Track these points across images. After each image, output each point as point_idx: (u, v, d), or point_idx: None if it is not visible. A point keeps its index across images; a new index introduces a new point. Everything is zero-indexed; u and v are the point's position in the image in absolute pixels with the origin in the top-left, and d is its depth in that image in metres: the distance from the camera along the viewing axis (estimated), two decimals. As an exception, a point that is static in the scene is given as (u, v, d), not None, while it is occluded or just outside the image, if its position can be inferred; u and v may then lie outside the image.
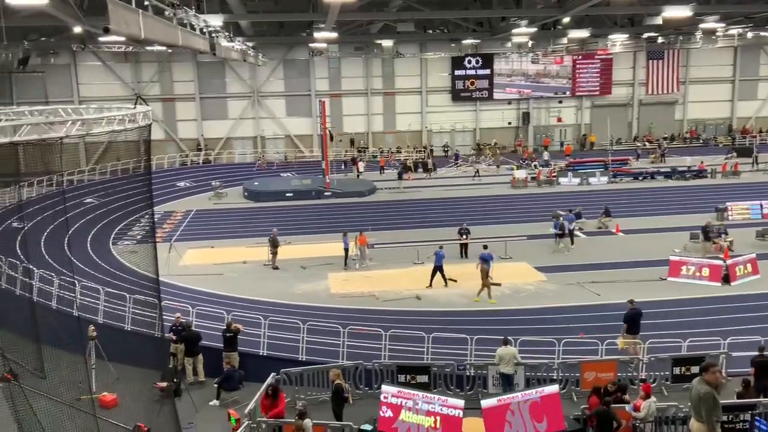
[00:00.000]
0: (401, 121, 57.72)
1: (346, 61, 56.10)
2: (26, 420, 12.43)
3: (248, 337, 18.00)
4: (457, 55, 56.36)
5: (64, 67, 52.69)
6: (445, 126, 58.27)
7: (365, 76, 56.40)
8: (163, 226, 35.33)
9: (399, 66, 56.48)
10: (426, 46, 55.96)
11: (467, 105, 58.20)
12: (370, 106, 57.01)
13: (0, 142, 10.62)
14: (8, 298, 20.95)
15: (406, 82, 57.08)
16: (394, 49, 54.41)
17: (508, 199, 41.01)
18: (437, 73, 57.29)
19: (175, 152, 54.22)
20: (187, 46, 20.98)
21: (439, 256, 24.56)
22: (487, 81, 57.28)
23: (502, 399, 13.38)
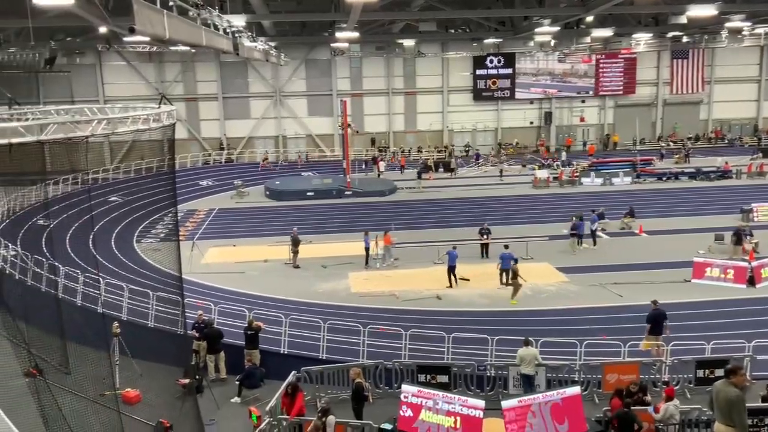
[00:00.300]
0: (422, 120, 57.66)
1: (368, 61, 56.17)
2: (51, 415, 12.61)
3: (269, 335, 18.10)
4: (479, 55, 56.18)
5: (89, 67, 53.44)
6: (466, 126, 58.12)
7: (386, 76, 56.43)
8: (186, 224, 35.65)
9: (420, 65, 56.44)
10: (447, 45, 55.85)
11: (489, 104, 57.98)
12: (391, 105, 57.04)
13: (27, 141, 10.80)
14: (34, 294, 21.30)
15: (427, 82, 57.02)
16: (416, 49, 54.38)
17: (530, 199, 40.76)
18: (459, 73, 57.14)
19: (198, 151, 54.72)
20: (210, 46, 21.14)
21: (452, 255, 24.57)
22: (509, 80, 57.01)
23: (522, 400, 13.32)
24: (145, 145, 44.99)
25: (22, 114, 17.07)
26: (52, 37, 43.99)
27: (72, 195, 36.00)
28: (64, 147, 14.12)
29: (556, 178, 44.63)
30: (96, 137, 11.58)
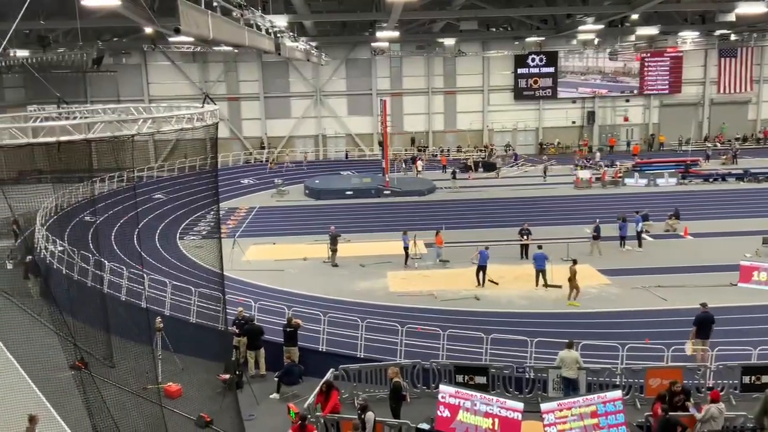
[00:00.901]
0: (462, 120, 57.36)
1: (408, 60, 56.12)
2: (96, 407, 12.92)
3: (308, 333, 18.23)
4: (521, 53, 55.65)
5: (135, 67, 54.60)
6: (506, 125, 57.62)
7: (426, 75, 56.30)
8: (228, 222, 36.14)
9: (461, 64, 56.15)
10: (488, 44, 55.46)
11: (530, 104, 57.38)
12: (431, 104, 56.89)
13: (74, 139, 11.07)
14: (80, 289, 21.85)
15: (467, 81, 56.69)
16: (456, 48, 54.13)
17: (572, 199, 40.20)
18: (499, 72, 56.68)
19: (240, 150, 55.43)
20: (253, 46, 21.40)
21: (483, 255, 24.42)
22: (551, 79, 56.35)
23: (562, 403, 13.16)
24: (188, 143, 45.68)
25: (70, 112, 17.53)
26: (99, 37, 45.07)
27: (117, 192, 36.85)
28: (110, 145, 14.45)
29: (599, 178, 43.92)
30: (141, 136, 11.82)
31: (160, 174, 46.48)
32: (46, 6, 33.25)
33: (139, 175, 43.74)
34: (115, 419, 13.07)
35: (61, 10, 34.23)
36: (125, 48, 51.85)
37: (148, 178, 45.06)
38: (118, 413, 13.57)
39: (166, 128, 11.85)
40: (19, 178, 22.06)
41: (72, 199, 34.90)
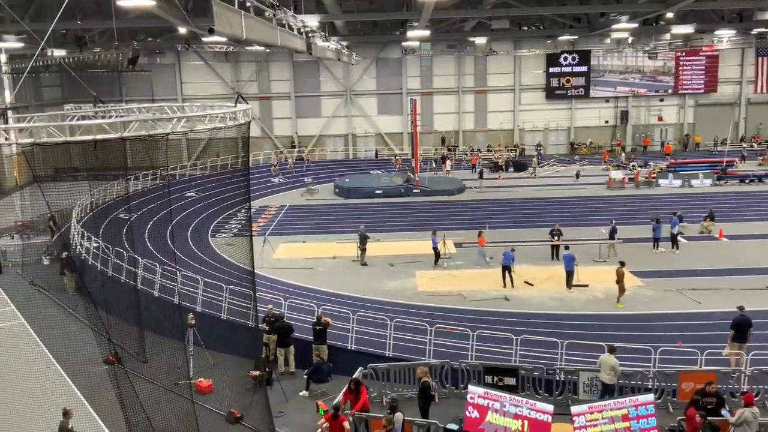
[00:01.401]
0: (493, 119, 57.03)
1: (438, 59, 55.98)
2: (129, 401, 13.14)
3: (337, 331, 18.30)
4: (553, 52, 55.13)
5: (168, 67, 55.38)
6: (538, 125, 57.13)
7: (457, 74, 56.10)
8: (258, 220, 36.44)
9: (492, 63, 55.84)
10: (520, 43, 55.06)
11: (562, 103, 56.82)
12: (462, 104, 56.67)
13: (110, 137, 11.28)
14: (115, 285, 22.24)
15: (498, 80, 56.35)
16: (488, 47, 53.81)
17: (604, 200, 39.71)
18: (531, 71, 56.22)
19: (271, 149, 55.85)
20: (285, 45, 21.55)
21: (507, 256, 24.32)
22: (584, 78, 55.72)
23: (593, 406, 13.01)
24: (220, 142, 46.17)
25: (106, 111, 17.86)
26: (134, 37, 45.80)
27: (151, 190, 37.39)
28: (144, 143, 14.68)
29: (632, 179, 43.32)
30: (175, 134, 11.99)
31: (192, 172, 47.06)
32: (83, 6, 33.91)
33: (172, 173, 44.32)
34: (148, 413, 13.27)
35: (98, 11, 34.90)
36: (159, 48, 52.61)
37: (180, 176, 45.66)
38: (151, 408, 13.77)
39: (199, 127, 12.00)
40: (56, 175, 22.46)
41: (107, 197, 35.52)
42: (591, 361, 16.58)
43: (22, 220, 32.88)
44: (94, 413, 15.94)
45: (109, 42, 39.62)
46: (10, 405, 16.25)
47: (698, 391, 13.91)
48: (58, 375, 18.14)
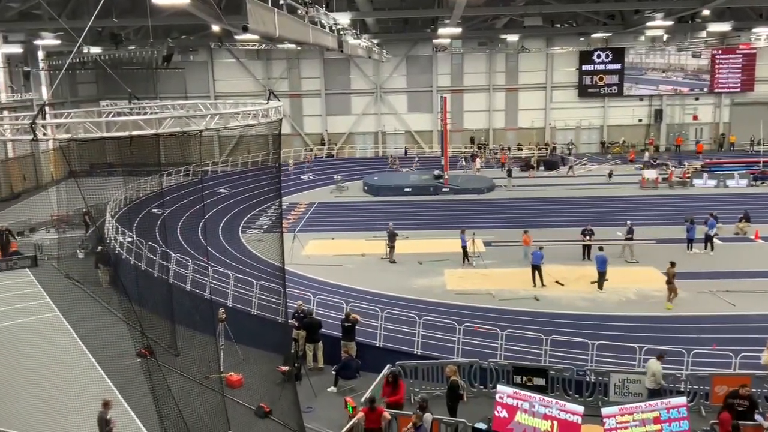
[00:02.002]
0: (523, 117, 56.60)
1: (469, 57, 55.71)
2: (161, 393, 13.33)
3: (365, 328, 18.35)
4: (586, 50, 54.46)
5: (201, 64, 56.01)
6: (569, 123, 56.54)
7: (488, 72, 55.76)
8: (288, 217, 36.67)
9: (523, 61, 55.38)
10: (552, 40, 54.53)
11: (595, 101, 56.13)
12: (492, 102, 56.31)
13: (146, 134, 11.45)
14: (147, 279, 22.58)
15: (530, 78, 55.89)
16: (519, 44, 53.36)
17: (637, 200, 39.14)
18: (563, 69, 55.64)
19: (301, 146, 56.17)
20: (316, 43, 21.65)
21: (536, 255, 24.15)
22: (617, 76, 54.96)
23: (624, 408, 12.85)
24: (251, 139, 46.66)
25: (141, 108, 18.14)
26: (168, 35, 46.40)
27: (184, 186, 37.87)
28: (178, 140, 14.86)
29: (666, 179, 42.64)
30: (209, 131, 12.13)
31: (224, 169, 47.55)
32: (119, 4, 34.45)
33: (204, 169, 44.84)
34: (179, 406, 13.45)
35: (133, 8, 35.45)
36: (193, 46, 53.22)
37: (212, 172, 46.16)
38: (182, 401, 13.95)
39: (232, 124, 12.12)
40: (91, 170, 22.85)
41: (141, 192, 36.07)
42: (622, 363, 16.40)
43: (58, 214, 33.60)
44: (126, 405, 16.22)
45: (143, 39, 40.25)
46: (45, 397, 16.60)
47: (731, 393, 13.67)
48: (91, 367, 18.48)
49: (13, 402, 16.38)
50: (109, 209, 31.21)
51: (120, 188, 33.70)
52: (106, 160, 27.01)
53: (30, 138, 10.54)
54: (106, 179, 29.03)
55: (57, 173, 43.03)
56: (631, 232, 27.55)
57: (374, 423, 13.17)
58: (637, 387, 15.25)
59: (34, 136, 10.44)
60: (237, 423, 14.46)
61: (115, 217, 30.39)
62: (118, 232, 27.52)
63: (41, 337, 20.55)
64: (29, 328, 21.50)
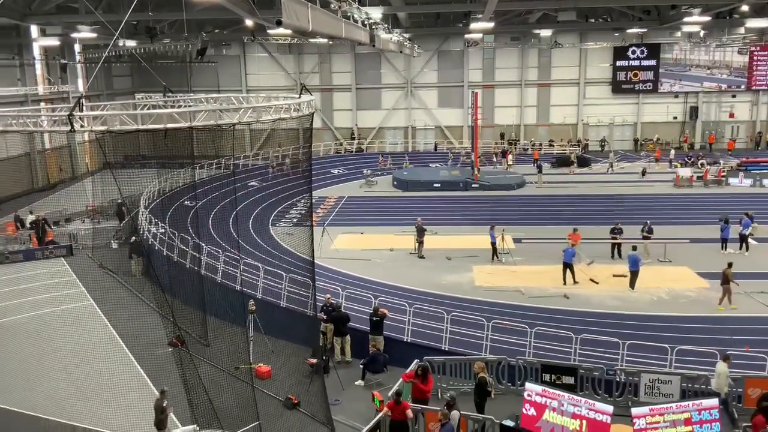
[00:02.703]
0: (555, 113, 56.04)
1: (501, 52, 55.28)
2: (192, 382, 13.53)
3: (393, 323, 18.38)
4: (621, 45, 53.65)
5: (234, 58, 56.49)
6: (602, 119, 55.81)
7: (520, 67, 55.29)
8: (317, 210, 36.85)
9: (556, 56, 54.78)
10: (586, 35, 53.79)
11: (629, 98, 55.34)
12: (524, 97, 55.83)
13: (180, 126, 11.59)
14: (180, 270, 22.90)
15: (562, 73, 55.27)
16: (553, 39, 52.78)
17: (671, 198, 38.55)
18: (597, 64, 54.94)
19: (331, 140, 56.36)
20: (349, 38, 21.68)
21: (568, 253, 23.98)
22: (652, 72, 54.09)
23: (654, 409, 12.69)
24: (282, 133, 47.01)
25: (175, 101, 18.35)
26: (202, 29, 46.88)
27: (215, 179, 38.28)
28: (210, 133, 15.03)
29: (700, 177, 41.89)
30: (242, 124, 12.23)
31: (254, 162, 47.93)
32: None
33: (236, 162, 45.24)
34: (209, 396, 13.64)
35: (168, 2, 35.86)
36: (226, 40, 53.68)
37: (243, 165, 46.56)
38: (212, 390, 14.14)
39: (265, 117, 12.21)
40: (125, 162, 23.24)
41: (173, 184, 36.57)
42: (653, 363, 16.20)
43: (93, 204, 34.22)
44: (157, 393, 16.48)
45: (178, 33, 40.69)
46: (78, 383, 16.96)
47: (764, 396, 13.39)
48: (124, 355, 18.82)
49: (47, 387, 16.76)
50: (143, 200, 31.69)
51: (153, 180, 34.17)
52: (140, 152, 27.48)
53: (68, 129, 10.74)
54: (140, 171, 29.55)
55: (92, 165, 43.80)
56: (651, 231, 27.13)
57: (399, 416, 13.23)
58: (668, 387, 15.05)
59: (71, 127, 10.63)
60: (265, 414, 14.61)
61: (149, 209, 30.84)
62: (151, 223, 27.94)
63: (76, 324, 21.00)
64: (64, 315, 21.98)
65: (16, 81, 43.81)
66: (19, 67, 44.45)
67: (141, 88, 50.70)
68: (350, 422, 14.90)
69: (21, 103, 39.92)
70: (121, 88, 54.61)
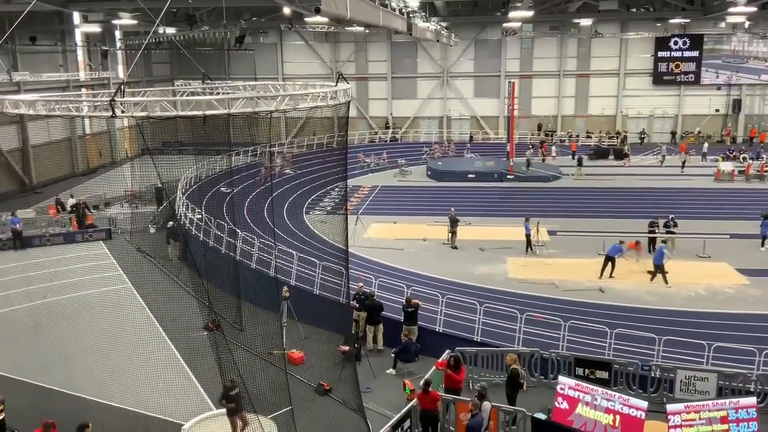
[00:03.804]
0: (594, 104, 55.13)
1: (540, 41, 54.51)
2: (227, 366, 13.73)
3: (425, 313, 18.38)
4: (663, 36, 52.47)
5: (270, 46, 56.77)
6: (642, 111, 54.73)
7: (559, 57, 54.45)
8: (351, 199, 36.92)
9: (596, 46, 53.79)
10: (627, 25, 52.71)
11: (670, 89, 54.12)
12: (562, 88, 55.02)
13: (218, 113, 11.71)
14: (215, 255, 23.22)
15: (602, 64, 54.26)
16: (593, 29, 51.86)
17: (711, 193, 37.73)
18: (638, 55, 53.79)
19: (365, 129, 56.37)
20: (386, 26, 21.65)
21: (614, 248, 23.65)
22: (695, 64, 52.79)
23: (690, 406, 12.49)
24: (317, 121, 47.19)
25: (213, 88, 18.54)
26: (240, 16, 47.20)
27: (252, 166, 38.62)
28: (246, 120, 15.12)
29: (742, 171, 40.89)
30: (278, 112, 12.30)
31: (290, 150, 48.20)
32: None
33: (271, 150, 45.55)
34: (243, 379, 13.81)
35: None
36: (263, 27, 53.94)
37: (279, 153, 46.82)
38: (246, 374, 14.32)
39: (301, 105, 12.26)
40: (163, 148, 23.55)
41: (210, 171, 37.01)
42: (690, 359, 15.94)
43: (132, 189, 34.83)
44: (192, 376, 16.80)
45: (216, 21, 41.02)
46: (115, 364, 17.34)
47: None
48: (160, 338, 19.17)
49: (85, 368, 17.16)
50: (180, 186, 32.14)
51: (191, 166, 34.61)
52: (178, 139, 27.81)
53: (109, 115, 10.93)
54: (178, 157, 29.97)
55: (131, 150, 44.57)
56: (675, 226, 26.65)
57: (429, 405, 13.26)
58: (705, 385, 14.79)
59: (113, 113, 10.82)
60: (297, 399, 14.76)
61: (186, 194, 31.27)
62: (188, 209, 28.34)
63: (114, 307, 21.46)
64: (103, 298, 22.48)
65: (59, 67, 44.72)
66: (61, 53, 45.39)
67: (180, 75, 51.34)
68: (381, 410, 14.98)
69: (63, 89, 40.73)
70: (160, 74, 55.37)
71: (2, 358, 17.49)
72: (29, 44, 37.88)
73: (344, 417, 14.73)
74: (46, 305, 21.58)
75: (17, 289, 22.78)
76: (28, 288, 22.92)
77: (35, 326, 19.78)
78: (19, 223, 28.67)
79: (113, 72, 48.79)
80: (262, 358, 17.12)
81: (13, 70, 35.62)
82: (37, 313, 20.83)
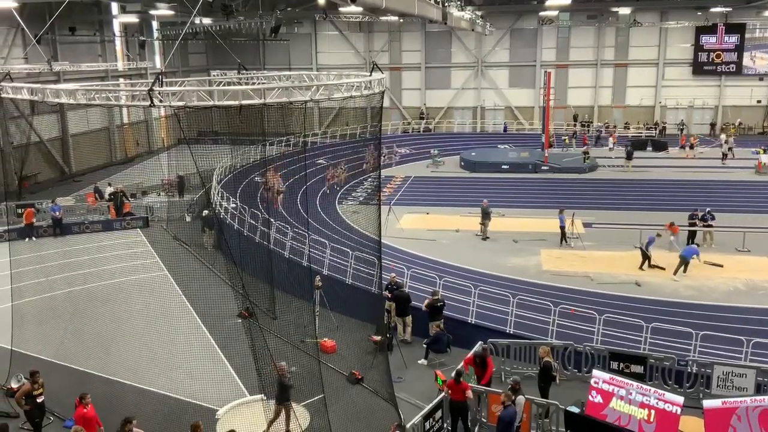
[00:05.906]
0: (632, 95, 54.15)
1: (577, 30, 53.67)
2: (260, 353, 13.87)
3: (457, 305, 18.32)
4: (703, 25, 51.22)
5: (305, 36, 56.94)
6: (681, 102, 53.58)
7: (596, 46, 53.57)
8: (384, 189, 36.91)
9: (634, 35, 52.79)
10: (667, 14, 51.63)
11: (710, 80, 52.88)
12: (599, 78, 54.16)
13: (254, 103, 11.79)
14: (250, 244, 23.45)
15: (640, 53, 53.23)
16: (631, 18, 50.88)
17: (752, 185, 36.82)
18: (677, 44, 52.65)
19: (399, 120, 56.24)
20: (421, 15, 21.54)
21: (651, 240, 23.43)
22: (736, 54, 51.48)
23: (727, 402, 12.24)
24: (350, 111, 47.25)
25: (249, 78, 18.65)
26: (275, 7, 47.40)
27: (285, 156, 38.85)
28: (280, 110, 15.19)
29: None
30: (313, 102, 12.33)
31: (323, 140, 48.38)
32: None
33: (305, 140, 45.78)
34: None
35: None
36: (298, 18, 54.14)
37: (312, 143, 47.07)
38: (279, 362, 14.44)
39: (336, 95, 12.26)
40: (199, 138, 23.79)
41: (245, 160, 37.31)
42: (727, 355, 15.63)
43: (169, 178, 35.32)
44: (226, 362, 17.03)
45: (252, 11, 41.26)
46: (152, 350, 17.64)
47: None
48: (195, 324, 19.46)
49: (122, 353, 17.51)
50: (216, 175, 32.48)
51: (225, 156, 34.95)
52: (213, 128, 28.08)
53: (147, 104, 11.09)
54: (214, 146, 30.28)
55: (168, 140, 45.19)
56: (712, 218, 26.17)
57: (459, 396, 13.24)
58: (742, 381, 14.48)
59: (151, 102, 10.97)
60: (330, 387, 14.85)
61: (221, 183, 31.61)
62: (223, 198, 28.65)
63: (150, 294, 21.83)
64: (140, 285, 22.88)
65: (98, 57, 45.50)
66: (100, 44, 46.16)
67: (215, 66, 51.85)
68: (412, 400, 15.00)
69: (102, 79, 41.45)
70: (196, 65, 55.98)
71: (43, 342, 17.93)
72: (69, 35, 38.56)
73: (376, 406, 14.78)
74: (85, 291, 22.05)
75: (57, 275, 23.30)
76: (68, 274, 23.43)
77: (75, 312, 20.21)
78: (59, 210, 29.32)
79: (150, 62, 49.46)
80: (294, 345, 17.27)
81: (53, 60, 36.31)
82: (76, 298, 21.29)
